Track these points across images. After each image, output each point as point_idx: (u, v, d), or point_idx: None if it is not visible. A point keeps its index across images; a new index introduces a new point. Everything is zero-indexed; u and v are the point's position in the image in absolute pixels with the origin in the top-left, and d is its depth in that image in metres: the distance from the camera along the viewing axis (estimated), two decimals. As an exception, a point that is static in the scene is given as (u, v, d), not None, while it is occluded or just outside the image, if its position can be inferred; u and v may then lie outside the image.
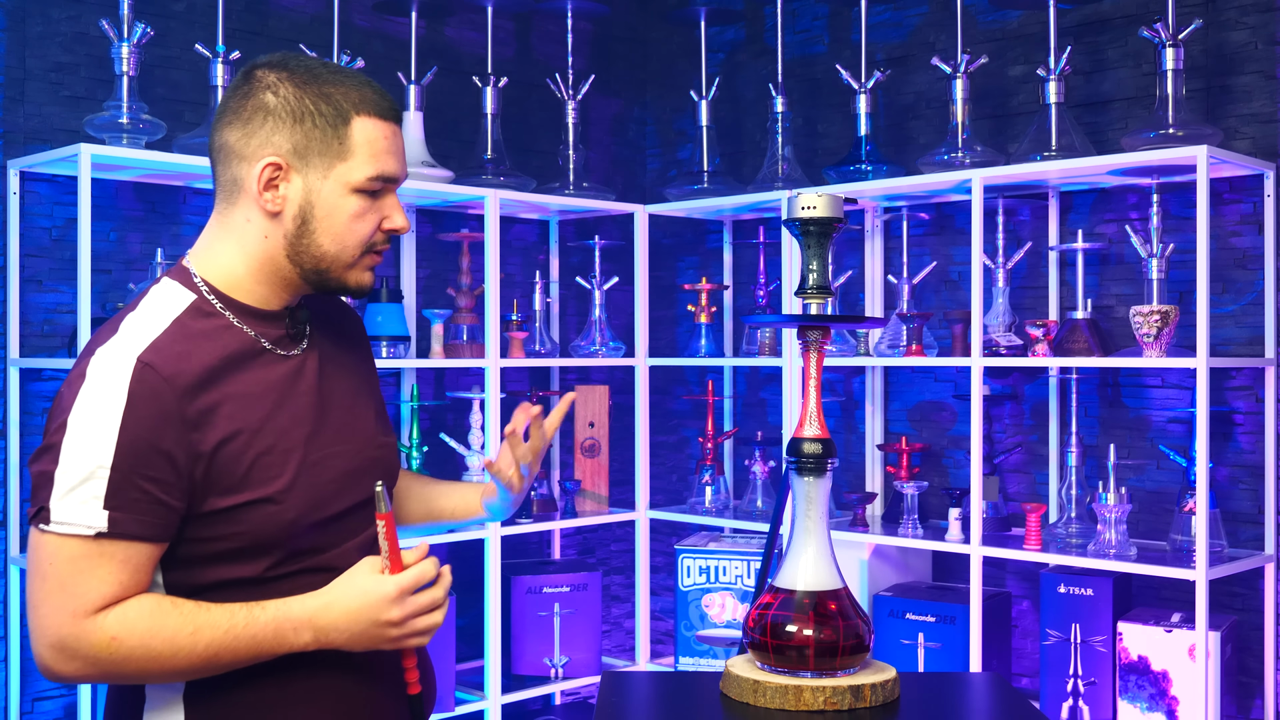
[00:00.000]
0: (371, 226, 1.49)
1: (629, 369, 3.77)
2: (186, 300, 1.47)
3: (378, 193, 1.49)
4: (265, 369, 1.47)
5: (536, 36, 3.85)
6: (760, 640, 1.46)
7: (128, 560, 1.35)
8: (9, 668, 2.83)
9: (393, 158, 1.49)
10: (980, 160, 3.07)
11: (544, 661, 3.45)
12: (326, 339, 1.58)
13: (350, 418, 1.55)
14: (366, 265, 1.51)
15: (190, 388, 1.38)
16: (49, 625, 1.34)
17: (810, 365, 1.53)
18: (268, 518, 1.42)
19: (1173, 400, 3.01)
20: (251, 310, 1.49)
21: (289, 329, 1.51)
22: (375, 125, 1.47)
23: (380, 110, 1.48)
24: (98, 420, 1.34)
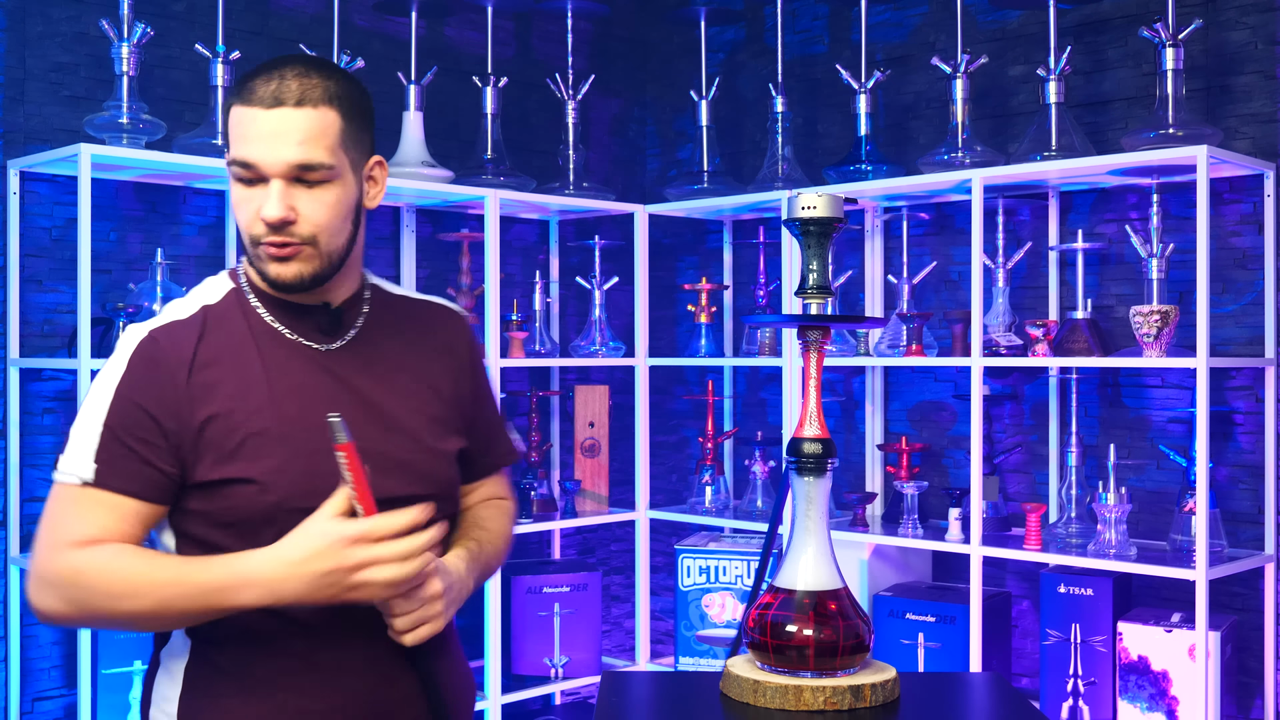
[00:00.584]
0: (249, 215, 1.47)
1: (629, 369, 3.77)
2: (225, 290, 1.55)
3: (252, 181, 1.46)
4: (284, 357, 1.51)
5: (536, 36, 3.85)
6: (760, 640, 1.46)
7: (111, 510, 1.43)
8: (9, 668, 2.83)
9: (249, 143, 1.45)
10: (980, 160, 3.07)
11: (544, 661, 3.45)
12: (383, 340, 1.59)
13: (384, 416, 1.54)
14: (266, 256, 1.48)
15: (191, 363, 1.46)
16: (34, 565, 1.45)
17: (810, 365, 1.53)
18: (250, 498, 1.45)
19: (1173, 400, 3.01)
20: (282, 303, 1.54)
21: (320, 324, 1.55)
22: (240, 112, 1.46)
23: (247, 98, 1.46)
24: (102, 384, 1.47)
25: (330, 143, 1.47)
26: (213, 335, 1.49)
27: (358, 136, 1.51)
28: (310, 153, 1.45)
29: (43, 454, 2.90)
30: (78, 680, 2.72)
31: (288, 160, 1.44)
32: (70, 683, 2.90)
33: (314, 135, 1.45)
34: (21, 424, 2.86)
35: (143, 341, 1.47)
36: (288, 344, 1.52)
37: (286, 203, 1.45)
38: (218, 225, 3.17)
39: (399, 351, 1.60)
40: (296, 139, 1.44)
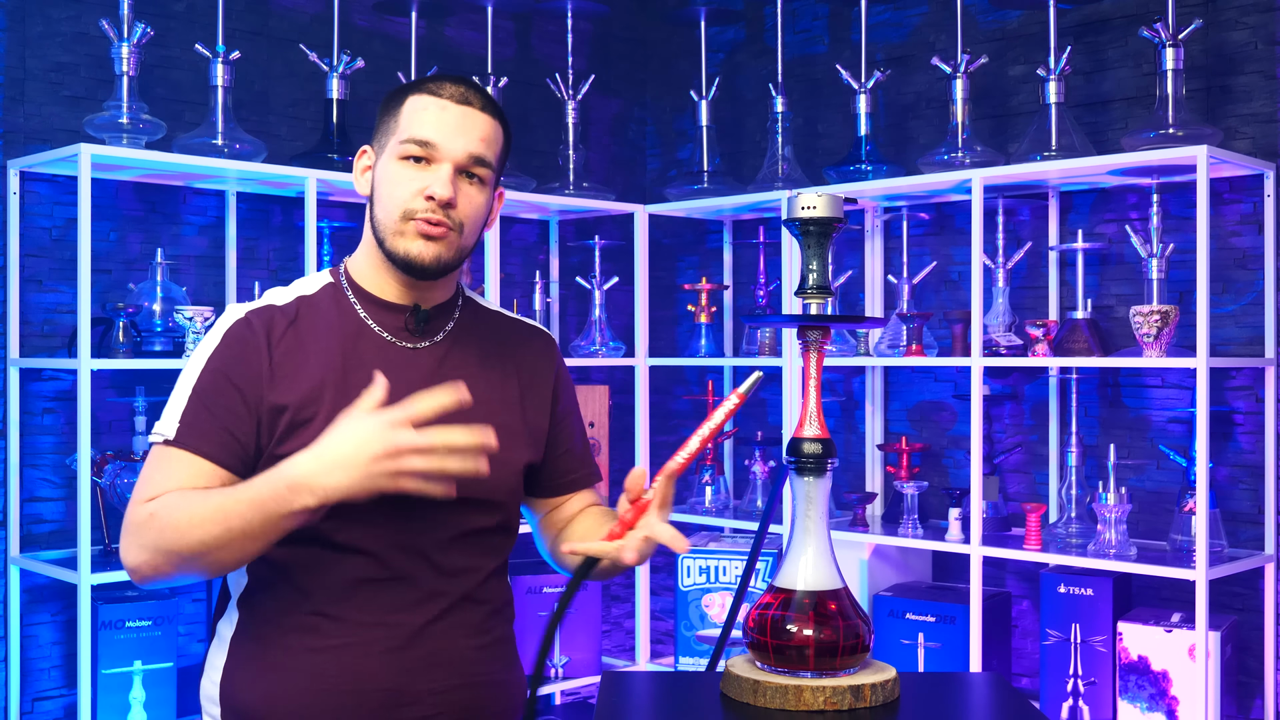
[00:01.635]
0: (409, 191, 1.57)
1: (629, 369, 3.77)
2: (322, 283, 1.65)
3: (421, 160, 1.57)
4: (367, 350, 1.60)
5: (536, 36, 3.85)
6: (760, 640, 1.46)
7: (188, 467, 1.51)
8: (9, 668, 2.83)
9: (431, 126, 1.57)
10: (980, 160, 3.07)
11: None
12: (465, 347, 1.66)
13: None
14: (412, 234, 1.57)
15: (277, 346, 1.56)
16: (125, 520, 1.51)
17: (810, 365, 1.53)
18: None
19: (1173, 400, 3.01)
20: (375, 299, 1.63)
21: (408, 323, 1.63)
22: (423, 99, 1.59)
23: (433, 89, 1.59)
24: (197, 357, 1.57)
25: (497, 151, 1.62)
26: (303, 323, 1.59)
27: (503, 161, 1.66)
28: (486, 151, 1.60)
29: (43, 454, 2.90)
30: (78, 680, 2.72)
31: (468, 150, 1.58)
32: (70, 683, 2.90)
33: (490, 139, 1.61)
34: (21, 424, 2.86)
35: (237, 321, 1.57)
36: (374, 338, 1.61)
37: (455, 186, 1.57)
38: (218, 225, 3.17)
39: (479, 360, 1.67)
40: (478, 135, 1.59)
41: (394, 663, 1.56)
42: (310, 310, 1.61)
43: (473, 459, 1.43)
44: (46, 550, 2.88)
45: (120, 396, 2.98)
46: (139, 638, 2.77)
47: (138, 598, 2.80)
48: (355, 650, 1.55)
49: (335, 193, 3.17)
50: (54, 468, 2.91)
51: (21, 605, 2.85)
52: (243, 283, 3.17)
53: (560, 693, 3.70)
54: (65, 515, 2.91)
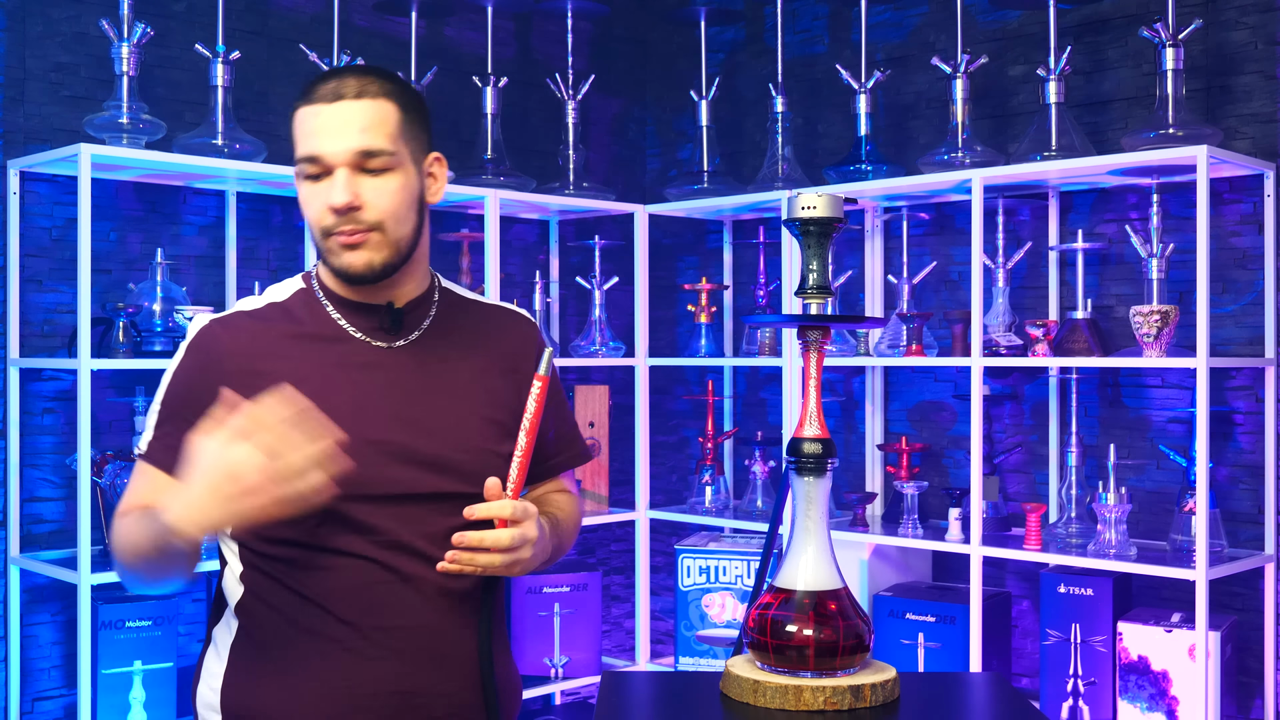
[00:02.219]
0: (318, 209, 1.54)
1: (629, 369, 3.77)
2: (295, 289, 1.64)
3: (318, 176, 1.54)
4: (343, 353, 1.58)
5: (536, 36, 3.85)
6: (760, 640, 1.46)
7: (153, 482, 1.55)
8: (9, 668, 2.83)
9: (313, 138, 1.53)
10: (980, 160, 3.07)
11: (544, 661, 3.45)
12: (444, 341, 1.64)
13: (439, 415, 1.58)
14: (338, 248, 1.55)
15: (248, 353, 1.55)
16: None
17: (810, 365, 1.53)
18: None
19: (1173, 400, 3.01)
20: (348, 302, 1.61)
21: (383, 322, 1.60)
22: (303, 111, 1.55)
23: (309, 97, 1.55)
24: (168, 370, 1.60)
25: (389, 131, 1.54)
26: (275, 328, 1.58)
27: (415, 130, 1.59)
28: (371, 139, 1.53)
29: (43, 454, 2.90)
30: (78, 680, 2.72)
31: (350, 148, 1.52)
32: (70, 683, 2.90)
33: (374, 124, 1.53)
34: (21, 424, 2.86)
35: (201, 330, 1.58)
36: (350, 340, 1.59)
37: (351, 189, 1.52)
38: (218, 225, 3.17)
39: (459, 353, 1.65)
40: (358, 127, 1.52)
41: (403, 664, 1.56)
42: (283, 315, 1.60)
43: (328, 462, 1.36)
44: (46, 550, 2.88)
45: (120, 396, 2.98)
46: (139, 638, 2.77)
47: (138, 598, 2.80)
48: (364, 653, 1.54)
49: (335, 193, 3.17)
50: (54, 468, 2.91)
51: (21, 605, 2.85)
52: (243, 283, 3.17)
53: (560, 693, 3.70)
54: (65, 515, 2.91)
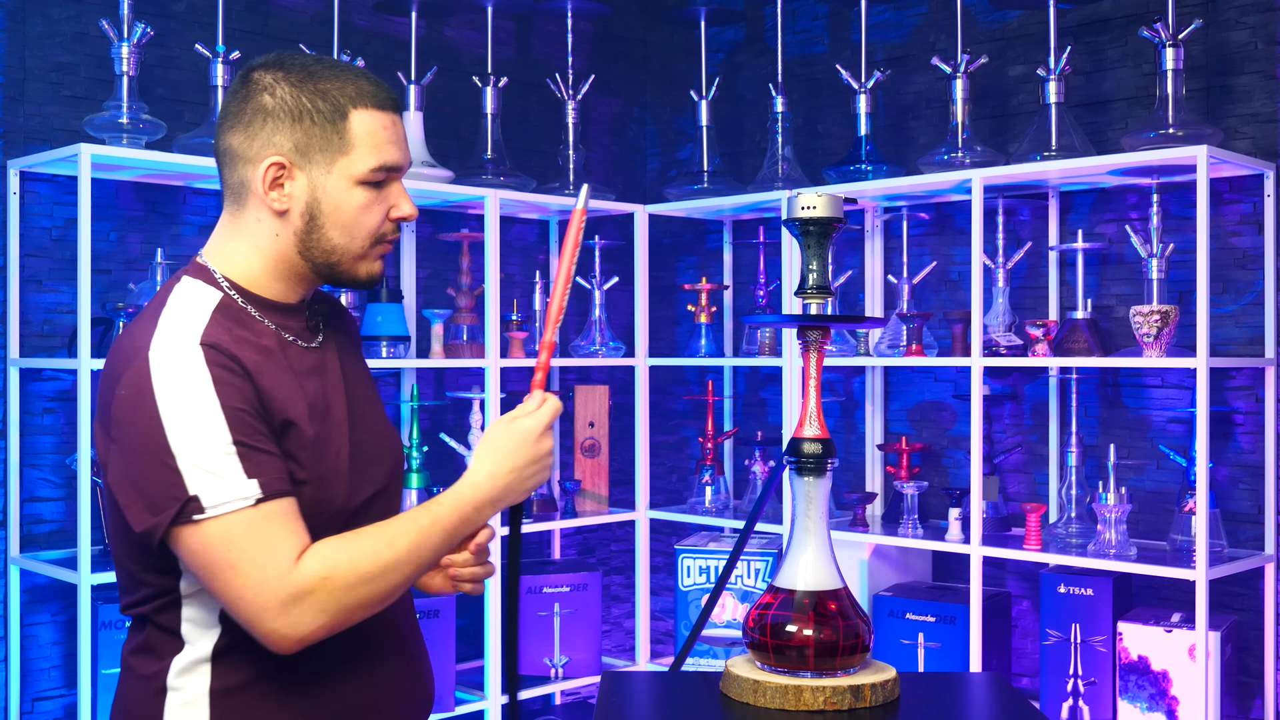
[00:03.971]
0: (379, 217, 1.51)
1: (629, 369, 3.77)
2: (215, 297, 1.48)
3: (382, 183, 1.50)
4: (295, 360, 1.50)
5: (536, 36, 3.85)
6: (760, 640, 1.46)
7: (289, 515, 1.38)
8: (9, 668, 2.83)
9: (394, 147, 1.50)
10: (980, 160, 3.07)
11: (544, 661, 3.45)
12: (336, 334, 1.61)
13: (367, 408, 1.59)
14: (376, 255, 1.53)
15: (254, 367, 1.42)
16: (265, 598, 1.35)
17: (810, 365, 1.53)
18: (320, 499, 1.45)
19: (1173, 400, 3.01)
20: (273, 304, 1.52)
21: (307, 322, 1.55)
22: (374, 116, 1.49)
23: (377, 101, 1.49)
24: (196, 407, 1.36)
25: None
26: (243, 344, 1.44)
27: None
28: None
29: (43, 454, 2.90)
30: (78, 680, 2.72)
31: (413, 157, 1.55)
32: (70, 683, 2.90)
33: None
34: (21, 424, 2.86)
35: (205, 353, 1.39)
36: (290, 346, 1.51)
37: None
38: (218, 225, 3.16)
39: (349, 345, 1.65)
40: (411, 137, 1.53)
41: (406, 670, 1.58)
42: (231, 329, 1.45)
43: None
44: (46, 550, 2.88)
45: (120, 396, 2.97)
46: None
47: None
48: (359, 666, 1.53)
49: (335, 193, 3.17)
50: (54, 468, 2.91)
51: (21, 605, 2.85)
52: (243, 283, 3.17)
53: (560, 693, 3.70)
54: (65, 515, 2.91)
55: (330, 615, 1.37)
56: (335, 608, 1.37)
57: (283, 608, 1.35)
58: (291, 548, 1.36)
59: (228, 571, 1.35)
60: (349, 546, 1.39)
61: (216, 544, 1.35)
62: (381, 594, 1.41)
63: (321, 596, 1.36)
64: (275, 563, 1.35)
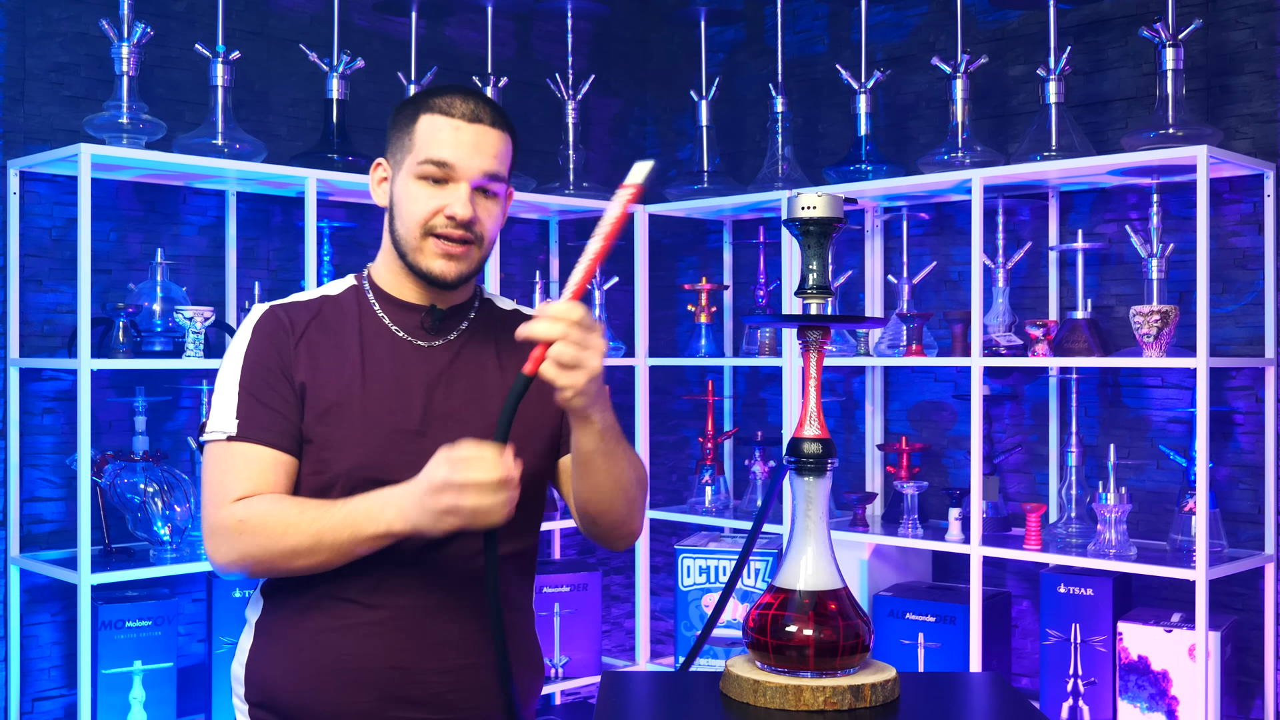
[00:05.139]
0: (428, 210, 1.64)
1: (629, 369, 3.77)
2: (347, 285, 1.74)
3: (440, 181, 1.64)
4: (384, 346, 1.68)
5: (536, 36, 3.85)
6: (760, 640, 1.46)
7: (253, 460, 1.60)
8: (9, 668, 2.83)
9: (447, 146, 1.63)
10: (980, 160, 3.07)
11: (544, 661, 3.45)
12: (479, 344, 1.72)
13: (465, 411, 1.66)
14: (432, 251, 1.64)
15: (301, 335, 1.65)
16: (203, 520, 1.62)
17: (810, 365, 1.53)
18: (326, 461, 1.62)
19: (1173, 400, 3.01)
20: (392, 300, 1.71)
21: (424, 322, 1.70)
22: (437, 120, 1.65)
23: (445, 109, 1.65)
24: (234, 354, 1.66)
25: (508, 164, 1.71)
26: (326, 318, 1.68)
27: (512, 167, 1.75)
28: (499, 166, 1.68)
29: (43, 454, 2.90)
30: (78, 680, 2.72)
31: (483, 169, 1.66)
32: (70, 683, 2.90)
33: (502, 154, 1.69)
34: (21, 424, 2.86)
35: (264, 314, 1.67)
36: (392, 337, 1.69)
37: (473, 206, 1.65)
38: (218, 225, 3.17)
39: (492, 357, 1.73)
40: (492, 153, 1.66)
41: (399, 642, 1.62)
42: (333, 308, 1.70)
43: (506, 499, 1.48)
44: (46, 550, 2.88)
45: (120, 396, 2.98)
46: (139, 638, 2.77)
47: (138, 598, 2.80)
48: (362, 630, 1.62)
49: (335, 193, 3.17)
50: (54, 468, 2.91)
51: (21, 605, 2.85)
52: (243, 283, 3.17)
53: (560, 693, 3.70)
54: (65, 515, 2.91)
55: (239, 555, 1.57)
56: (242, 550, 1.57)
57: (210, 533, 1.59)
58: (238, 487, 1.59)
59: (201, 490, 1.64)
60: (273, 505, 1.57)
61: (204, 463, 1.65)
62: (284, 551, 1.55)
63: (233, 537, 1.57)
64: (220, 494, 1.59)
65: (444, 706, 1.64)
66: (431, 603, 1.64)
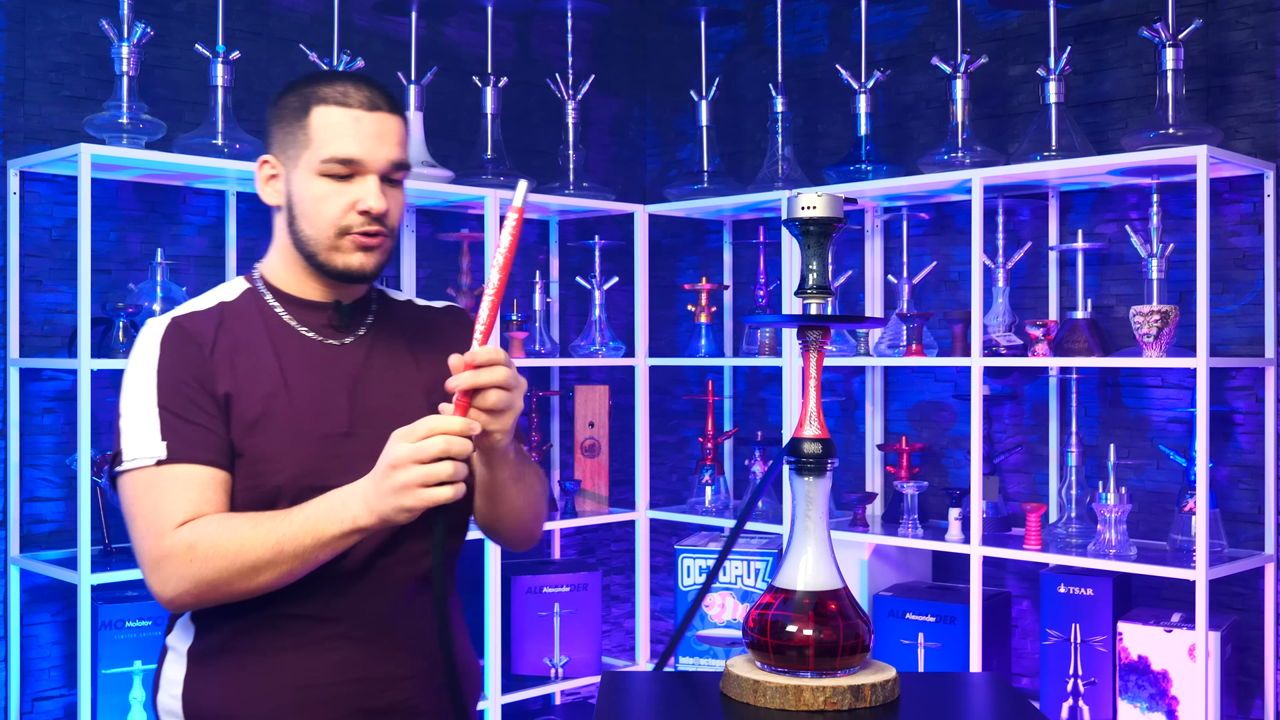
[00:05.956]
0: (339, 208, 1.58)
1: (629, 369, 3.77)
2: (240, 289, 1.65)
3: (346, 177, 1.58)
4: (295, 349, 1.61)
5: (536, 36, 3.85)
6: (760, 640, 1.46)
7: (190, 481, 1.51)
8: (9, 668, 2.83)
9: (351, 140, 1.57)
10: (980, 160, 3.07)
11: (544, 661, 3.45)
12: (387, 338, 1.68)
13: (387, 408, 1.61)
14: (350, 247, 1.59)
15: (212, 343, 1.57)
16: (143, 553, 1.51)
17: (810, 365, 1.53)
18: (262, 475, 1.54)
19: (1173, 400, 3.01)
20: (294, 299, 1.65)
21: (332, 320, 1.65)
22: (334, 111, 1.58)
23: (342, 99, 1.58)
24: (140, 374, 1.55)
25: (408, 148, 1.64)
26: (230, 327, 1.59)
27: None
28: (403, 153, 1.62)
29: (43, 454, 2.90)
30: (78, 680, 2.72)
31: (389, 159, 1.59)
32: (70, 683, 2.90)
33: (403, 139, 1.62)
34: (21, 424, 2.86)
35: (167, 328, 1.57)
36: (300, 338, 1.62)
37: (383, 196, 1.59)
38: (218, 225, 3.17)
39: (402, 349, 1.69)
40: (395, 140, 1.60)
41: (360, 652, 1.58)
42: (234, 314, 1.61)
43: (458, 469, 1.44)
44: (46, 550, 2.88)
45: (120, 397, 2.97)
46: (139, 638, 2.77)
47: (138, 598, 2.80)
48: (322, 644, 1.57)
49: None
50: (54, 468, 2.91)
51: (21, 605, 2.85)
52: (243, 283, 3.17)
53: (560, 693, 3.70)
54: (65, 515, 2.91)
55: (192, 583, 1.48)
56: (195, 577, 1.48)
57: (155, 565, 1.49)
58: (178, 512, 1.49)
59: (130, 523, 1.53)
60: (222, 525, 1.49)
61: (126, 495, 1.53)
62: (240, 568, 1.47)
63: (183, 564, 1.47)
64: (159, 522, 1.49)
65: (410, 712, 1.61)
66: (386, 609, 1.59)
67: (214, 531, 1.48)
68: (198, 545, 1.47)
